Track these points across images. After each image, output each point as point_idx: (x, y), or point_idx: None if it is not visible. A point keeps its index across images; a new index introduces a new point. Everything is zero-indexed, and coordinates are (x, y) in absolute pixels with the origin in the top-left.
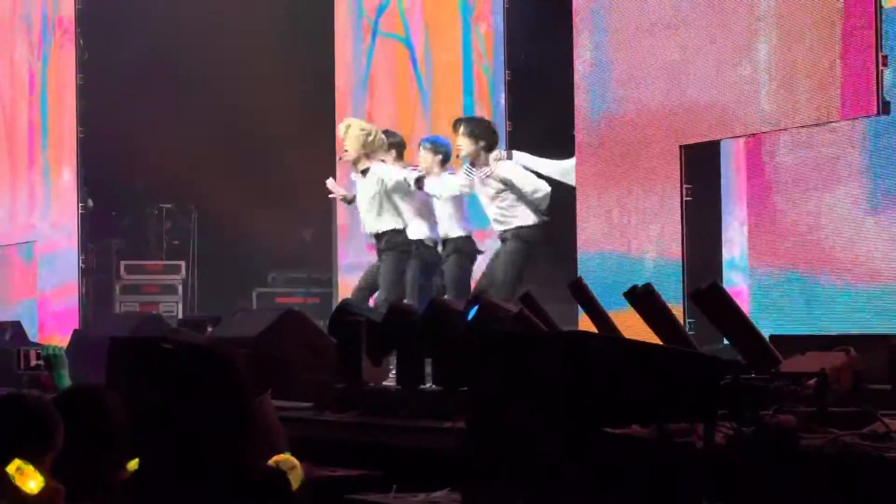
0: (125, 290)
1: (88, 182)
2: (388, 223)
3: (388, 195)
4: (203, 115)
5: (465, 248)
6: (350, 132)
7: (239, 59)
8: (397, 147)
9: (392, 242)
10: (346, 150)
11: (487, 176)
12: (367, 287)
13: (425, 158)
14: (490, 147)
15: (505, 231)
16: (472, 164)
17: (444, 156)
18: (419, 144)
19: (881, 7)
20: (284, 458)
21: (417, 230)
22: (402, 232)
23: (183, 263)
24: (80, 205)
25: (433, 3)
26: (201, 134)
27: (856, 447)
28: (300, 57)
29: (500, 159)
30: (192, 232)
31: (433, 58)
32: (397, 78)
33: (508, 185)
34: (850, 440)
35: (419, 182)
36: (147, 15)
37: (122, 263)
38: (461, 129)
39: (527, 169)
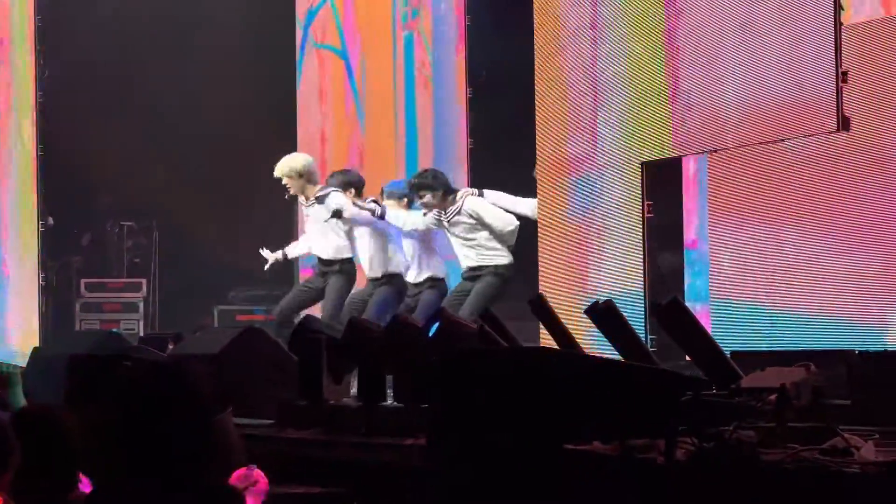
0: (86, 308)
1: (48, 200)
2: (341, 251)
3: (340, 224)
4: (163, 132)
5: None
6: (283, 172)
7: (200, 74)
8: (355, 185)
9: (344, 269)
10: (288, 188)
11: (457, 213)
12: (295, 307)
13: (391, 206)
14: (448, 191)
15: (481, 268)
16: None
17: (409, 199)
18: (381, 192)
19: (840, 24)
20: (246, 473)
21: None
22: (351, 261)
23: (144, 281)
24: (39, 222)
25: (365, 12)
26: (162, 151)
27: (816, 462)
28: (261, 72)
29: (469, 195)
30: (152, 249)
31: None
32: (334, 91)
33: (478, 220)
34: (810, 455)
35: (383, 212)
36: (107, 31)
37: (83, 281)
38: (420, 192)
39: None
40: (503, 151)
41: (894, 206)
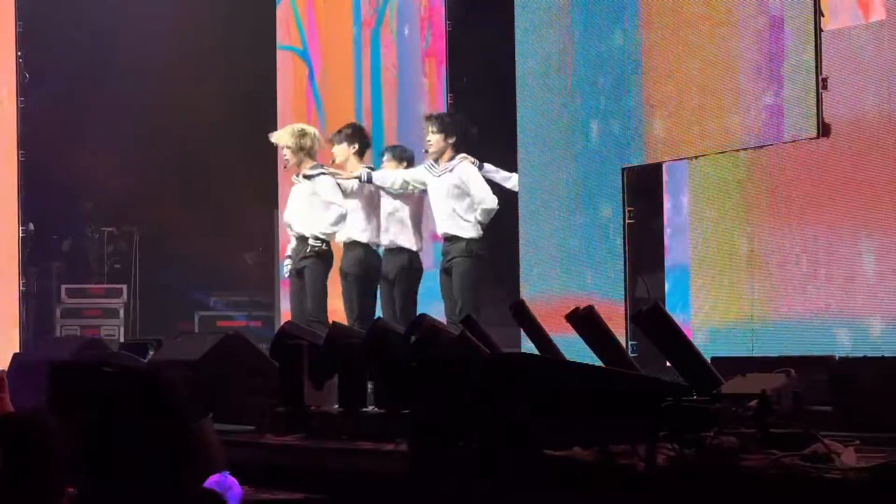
0: (66, 314)
1: (29, 206)
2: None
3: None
4: (145, 138)
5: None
6: (282, 139)
7: (181, 82)
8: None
9: (321, 253)
10: (286, 158)
11: (448, 171)
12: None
13: (391, 167)
14: (458, 145)
15: (452, 245)
16: (436, 161)
17: (408, 161)
18: (382, 154)
19: (820, 30)
20: (219, 480)
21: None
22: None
23: (124, 287)
24: (20, 228)
25: (325, 12)
26: (143, 157)
27: (796, 468)
28: (242, 79)
29: (466, 160)
30: (133, 255)
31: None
32: (294, 92)
33: (462, 186)
34: (790, 461)
35: (369, 176)
36: (88, 38)
37: (63, 287)
38: (431, 126)
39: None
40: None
41: (873, 210)
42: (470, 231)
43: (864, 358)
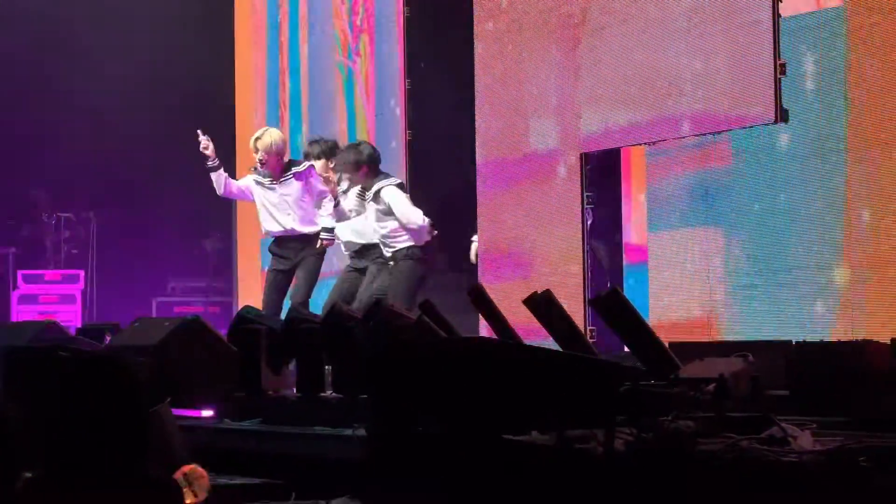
0: (23, 300)
1: None
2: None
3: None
4: (103, 123)
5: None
6: (265, 147)
7: (137, 65)
8: (328, 153)
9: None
10: (264, 161)
11: (374, 196)
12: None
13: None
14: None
15: (395, 252)
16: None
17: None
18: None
19: (779, 15)
20: (191, 469)
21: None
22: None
23: (82, 273)
24: None
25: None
26: (101, 142)
27: (753, 452)
28: (201, 62)
29: (388, 184)
30: (90, 241)
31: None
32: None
33: (387, 209)
34: (747, 445)
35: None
36: (45, 21)
37: (20, 273)
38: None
39: None
40: (442, 143)
41: (835, 197)
42: (403, 243)
43: (820, 342)
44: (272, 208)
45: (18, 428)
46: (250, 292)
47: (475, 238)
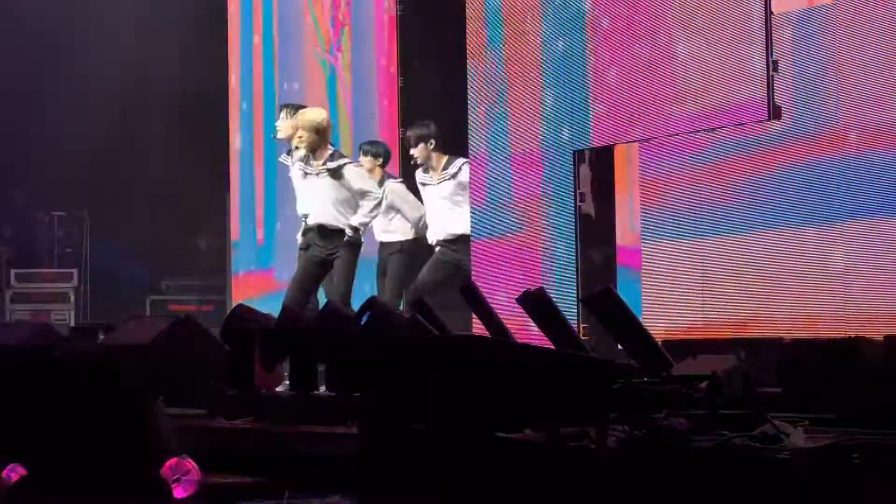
0: (16, 299)
1: None
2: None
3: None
4: (96, 121)
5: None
6: (300, 124)
7: (131, 64)
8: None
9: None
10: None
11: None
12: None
13: (367, 163)
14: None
15: (390, 244)
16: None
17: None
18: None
19: (771, 13)
20: (178, 462)
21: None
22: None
23: (75, 271)
24: None
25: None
26: (92, 140)
27: (746, 449)
28: (193, 60)
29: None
30: (83, 239)
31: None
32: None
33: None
34: (740, 442)
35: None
36: (27, 15)
37: (13, 272)
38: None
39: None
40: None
41: (827, 194)
42: (404, 233)
43: (812, 340)
44: None
45: (8, 427)
46: (244, 291)
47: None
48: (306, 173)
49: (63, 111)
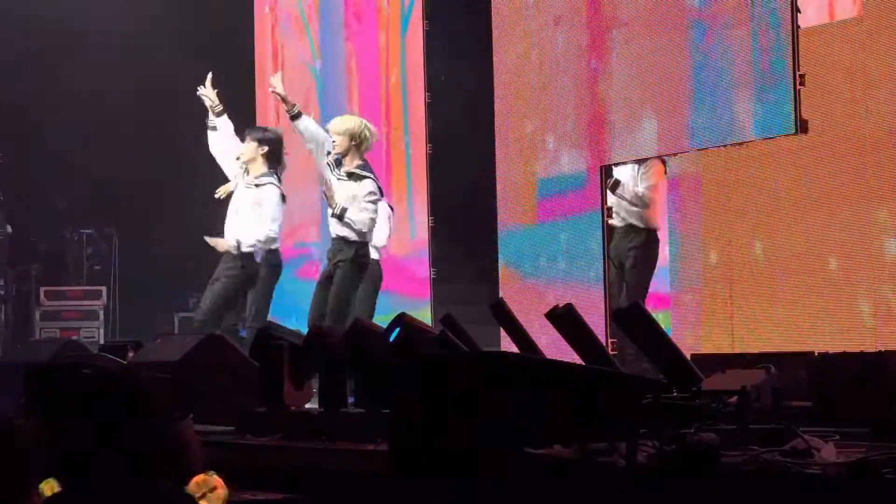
0: (45, 317)
1: (6, 207)
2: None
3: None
4: (124, 137)
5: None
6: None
7: (160, 81)
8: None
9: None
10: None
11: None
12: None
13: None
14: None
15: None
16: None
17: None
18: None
19: (798, 27)
20: (205, 479)
21: None
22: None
23: (104, 289)
24: None
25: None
26: (122, 157)
27: (776, 464)
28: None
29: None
30: (112, 256)
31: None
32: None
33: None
34: (770, 457)
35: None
36: (57, 36)
37: (42, 289)
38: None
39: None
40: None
41: (849, 206)
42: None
43: (843, 353)
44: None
45: (38, 444)
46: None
47: None
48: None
49: (94, 129)
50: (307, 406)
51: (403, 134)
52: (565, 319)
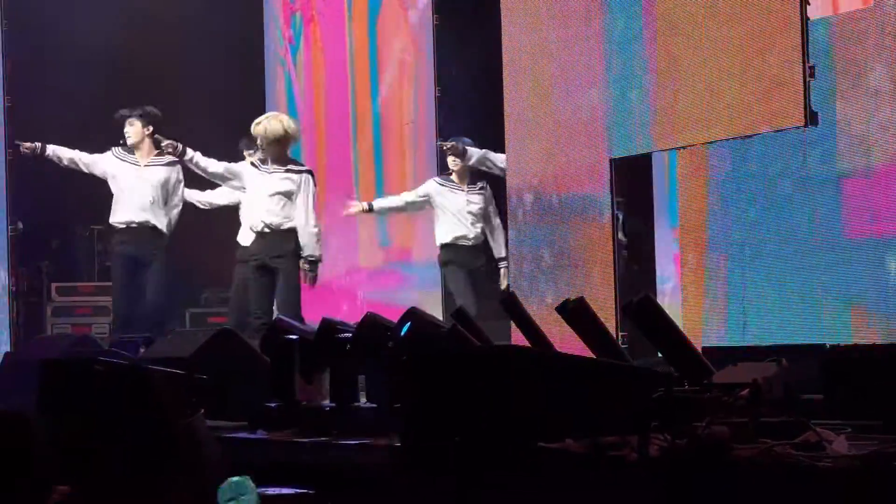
0: (57, 313)
1: (18, 203)
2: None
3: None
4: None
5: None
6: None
7: (172, 76)
8: None
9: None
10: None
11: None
12: None
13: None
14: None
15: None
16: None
17: None
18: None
19: (807, 18)
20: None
21: None
22: None
23: None
24: (9, 227)
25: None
26: None
27: (788, 457)
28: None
29: None
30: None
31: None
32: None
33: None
34: (782, 450)
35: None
36: (74, 33)
37: (54, 285)
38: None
39: None
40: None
41: (860, 200)
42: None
43: (855, 346)
44: None
45: (50, 439)
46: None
47: None
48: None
49: (101, 123)
50: (319, 401)
51: (413, 128)
52: (576, 313)
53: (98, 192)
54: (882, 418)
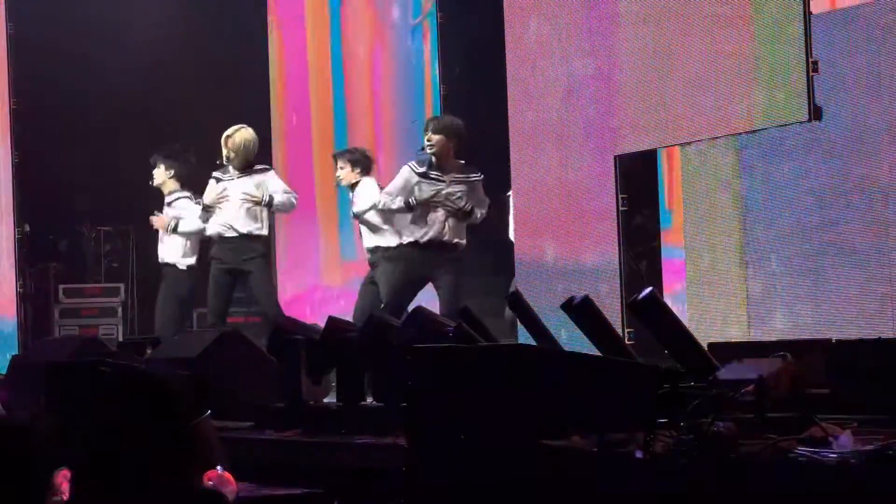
0: (64, 314)
1: (24, 206)
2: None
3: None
4: (139, 136)
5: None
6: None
7: (177, 78)
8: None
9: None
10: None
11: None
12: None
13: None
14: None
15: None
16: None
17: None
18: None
19: (810, 13)
20: (219, 475)
21: None
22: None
23: (122, 286)
24: (16, 229)
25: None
26: (139, 154)
27: (794, 452)
28: (236, 72)
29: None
30: (130, 254)
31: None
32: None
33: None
34: (788, 445)
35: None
36: (81, 36)
37: (61, 287)
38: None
39: None
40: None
41: (865, 194)
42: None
43: (860, 340)
44: None
45: (55, 441)
46: (290, 304)
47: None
48: None
49: (107, 126)
50: (325, 400)
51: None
52: (582, 310)
53: (105, 194)
54: (888, 413)
